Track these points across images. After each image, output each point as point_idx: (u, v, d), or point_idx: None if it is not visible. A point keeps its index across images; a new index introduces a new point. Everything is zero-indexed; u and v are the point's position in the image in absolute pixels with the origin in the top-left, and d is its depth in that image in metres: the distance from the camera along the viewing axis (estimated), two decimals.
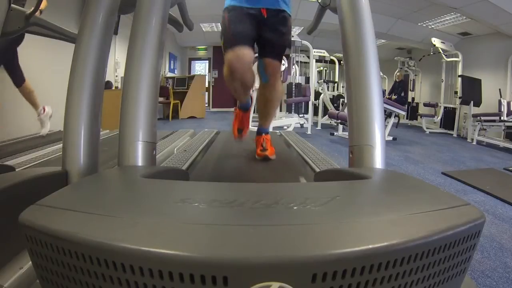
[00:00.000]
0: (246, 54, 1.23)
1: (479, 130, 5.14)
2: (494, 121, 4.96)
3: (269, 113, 1.59)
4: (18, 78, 2.14)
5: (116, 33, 3.93)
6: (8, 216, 0.52)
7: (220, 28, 1.35)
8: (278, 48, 1.40)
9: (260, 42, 1.38)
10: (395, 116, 4.70)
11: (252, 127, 2.05)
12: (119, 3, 0.94)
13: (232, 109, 1.82)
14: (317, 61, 7.02)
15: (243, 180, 1.20)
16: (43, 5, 1.85)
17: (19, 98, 2.21)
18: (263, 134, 1.58)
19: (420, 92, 7.93)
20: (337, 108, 6.22)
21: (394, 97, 6.19)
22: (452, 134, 6.04)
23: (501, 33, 5.39)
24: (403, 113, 5.06)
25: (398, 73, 6.75)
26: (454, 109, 6.15)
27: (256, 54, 1.42)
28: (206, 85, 8.03)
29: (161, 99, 6.13)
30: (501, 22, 4.97)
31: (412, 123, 7.55)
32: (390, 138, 4.75)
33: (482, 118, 5.07)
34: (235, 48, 1.22)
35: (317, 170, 1.35)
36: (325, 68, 8.38)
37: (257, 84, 1.50)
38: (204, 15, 5.85)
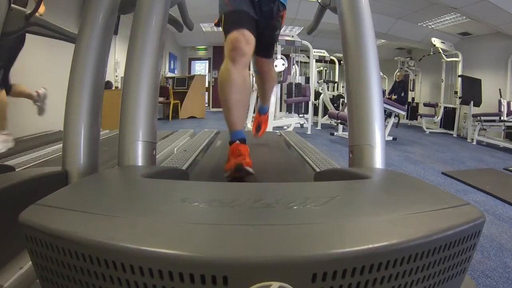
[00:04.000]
0: (250, 37, 1.14)
1: (479, 130, 5.14)
2: (494, 121, 4.97)
3: (266, 92, 1.79)
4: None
5: (116, 33, 3.93)
6: (8, 216, 0.52)
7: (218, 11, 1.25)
8: (269, 46, 1.46)
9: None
10: (395, 116, 4.70)
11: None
12: (119, 3, 0.94)
13: None
14: (317, 61, 7.02)
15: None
16: (41, 10, 1.83)
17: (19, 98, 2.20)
18: (262, 115, 1.82)
19: (420, 92, 7.93)
20: (337, 108, 6.22)
21: (394, 97, 6.19)
22: (452, 134, 6.04)
23: (501, 33, 5.39)
24: (403, 113, 5.06)
25: (398, 73, 6.75)
26: (454, 109, 6.15)
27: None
28: (206, 85, 8.02)
29: (161, 99, 6.13)
30: (501, 22, 4.97)
31: (412, 123, 7.55)
32: (390, 138, 4.75)
33: (482, 118, 5.07)
34: (240, 29, 1.12)
35: (317, 170, 1.34)
36: (325, 68, 8.38)
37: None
38: (204, 15, 5.84)
